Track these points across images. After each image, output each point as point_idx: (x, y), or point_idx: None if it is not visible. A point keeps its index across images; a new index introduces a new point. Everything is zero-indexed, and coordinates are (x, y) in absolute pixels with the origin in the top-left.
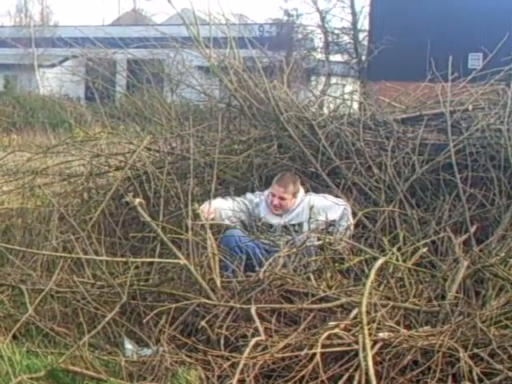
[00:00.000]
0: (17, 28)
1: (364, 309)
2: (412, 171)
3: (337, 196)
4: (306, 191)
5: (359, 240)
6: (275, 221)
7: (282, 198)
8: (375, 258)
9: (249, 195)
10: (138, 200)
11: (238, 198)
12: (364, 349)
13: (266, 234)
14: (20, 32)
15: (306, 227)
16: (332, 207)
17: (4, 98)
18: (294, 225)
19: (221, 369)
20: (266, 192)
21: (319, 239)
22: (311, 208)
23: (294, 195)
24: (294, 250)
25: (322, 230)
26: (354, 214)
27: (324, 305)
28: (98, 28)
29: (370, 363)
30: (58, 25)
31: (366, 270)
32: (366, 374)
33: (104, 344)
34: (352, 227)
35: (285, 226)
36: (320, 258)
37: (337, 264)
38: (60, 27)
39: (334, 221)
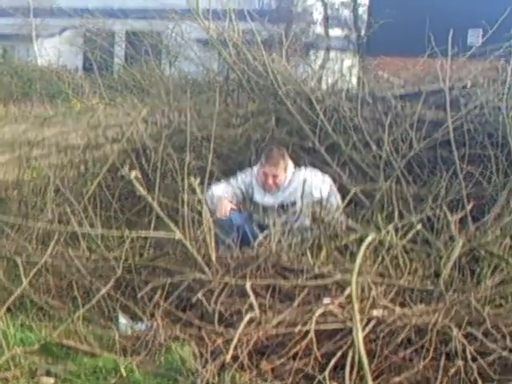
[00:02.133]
0: None
1: (354, 286)
2: (409, 148)
3: (328, 172)
4: (299, 166)
5: (356, 217)
6: (269, 201)
7: (275, 176)
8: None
9: (241, 176)
10: (133, 173)
11: (233, 182)
12: (355, 325)
13: (262, 215)
14: (18, 2)
15: (299, 204)
16: (322, 183)
17: (1, 68)
18: (287, 203)
19: (214, 344)
20: (255, 169)
21: (313, 215)
22: (304, 182)
23: (285, 169)
24: (288, 226)
25: (316, 205)
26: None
27: (319, 281)
28: None
29: (361, 339)
30: None
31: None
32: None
33: (98, 318)
34: (340, 203)
35: (280, 206)
36: (315, 235)
37: (332, 241)
38: None
39: (324, 198)
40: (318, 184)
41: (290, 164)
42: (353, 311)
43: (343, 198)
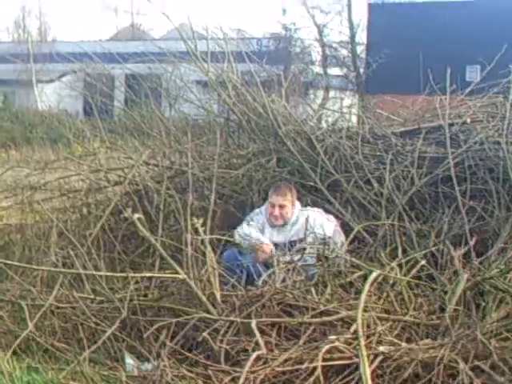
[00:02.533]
0: (15, 44)
1: (360, 321)
2: (411, 184)
3: (331, 211)
4: (304, 205)
5: (359, 254)
6: (278, 239)
7: (281, 207)
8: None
9: (255, 217)
10: (136, 215)
11: (252, 224)
12: (362, 359)
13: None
14: (18, 48)
15: (309, 239)
16: (327, 222)
17: (2, 113)
18: (295, 241)
19: (221, 383)
20: (263, 208)
21: (318, 252)
22: (307, 220)
23: (293, 204)
24: (293, 264)
25: (321, 243)
26: (351, 228)
27: (324, 318)
28: (96, 43)
29: (368, 375)
30: (56, 40)
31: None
32: None
33: (104, 359)
34: (345, 243)
35: (289, 243)
36: (320, 272)
37: (337, 278)
38: (58, 42)
39: (329, 237)
40: (323, 223)
41: (298, 203)
42: (359, 347)
43: (345, 235)
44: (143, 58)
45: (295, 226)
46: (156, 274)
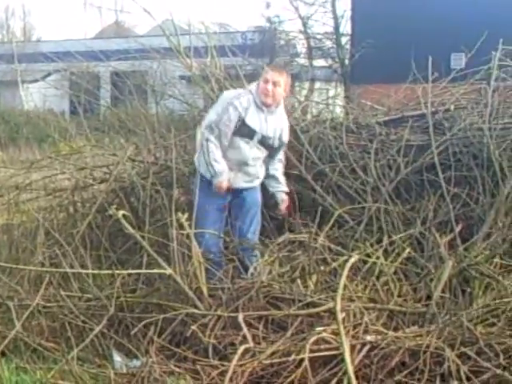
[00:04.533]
0: None
1: (339, 307)
2: (396, 173)
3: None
4: None
5: (345, 240)
6: (262, 125)
7: (275, 84)
8: (363, 260)
9: (234, 103)
10: (121, 212)
11: (223, 127)
12: (343, 348)
13: (246, 140)
14: (2, 48)
15: (276, 143)
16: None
17: None
18: (270, 138)
19: (210, 377)
20: (253, 87)
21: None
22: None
23: (285, 88)
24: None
25: None
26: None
27: (311, 310)
28: (81, 42)
29: (349, 360)
30: (40, 40)
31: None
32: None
33: (93, 357)
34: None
35: (261, 141)
36: (305, 260)
37: (321, 266)
38: (42, 42)
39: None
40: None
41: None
42: (339, 333)
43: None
44: (127, 56)
45: (279, 118)
46: (142, 271)
